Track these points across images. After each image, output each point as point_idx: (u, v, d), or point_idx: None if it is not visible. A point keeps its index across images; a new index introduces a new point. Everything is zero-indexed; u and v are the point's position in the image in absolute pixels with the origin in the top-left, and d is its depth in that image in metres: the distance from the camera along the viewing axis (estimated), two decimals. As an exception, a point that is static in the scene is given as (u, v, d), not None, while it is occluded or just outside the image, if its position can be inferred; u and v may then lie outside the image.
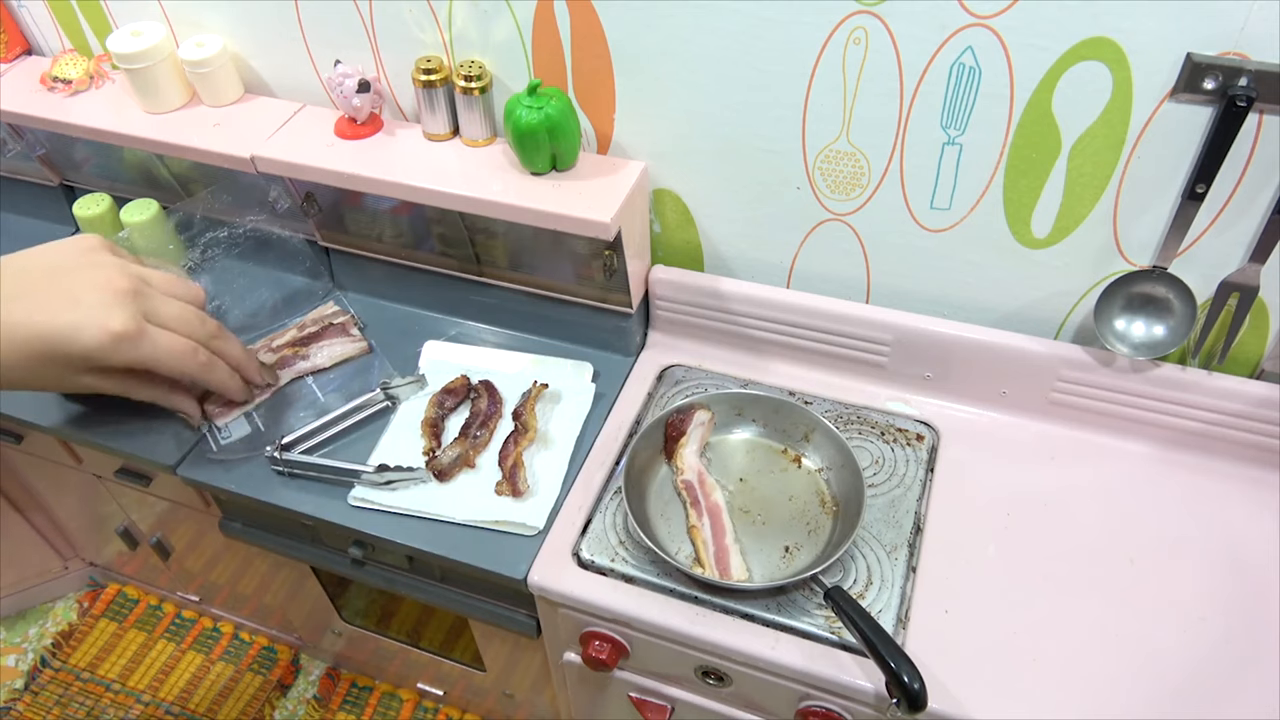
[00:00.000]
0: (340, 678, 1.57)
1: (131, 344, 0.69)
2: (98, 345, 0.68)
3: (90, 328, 0.68)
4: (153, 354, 0.72)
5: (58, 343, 0.66)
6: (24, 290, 0.69)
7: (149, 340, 0.72)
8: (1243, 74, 0.74)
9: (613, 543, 0.92)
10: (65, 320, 0.67)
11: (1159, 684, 0.80)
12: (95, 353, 0.68)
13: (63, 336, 0.66)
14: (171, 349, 0.75)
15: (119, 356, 0.69)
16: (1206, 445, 0.96)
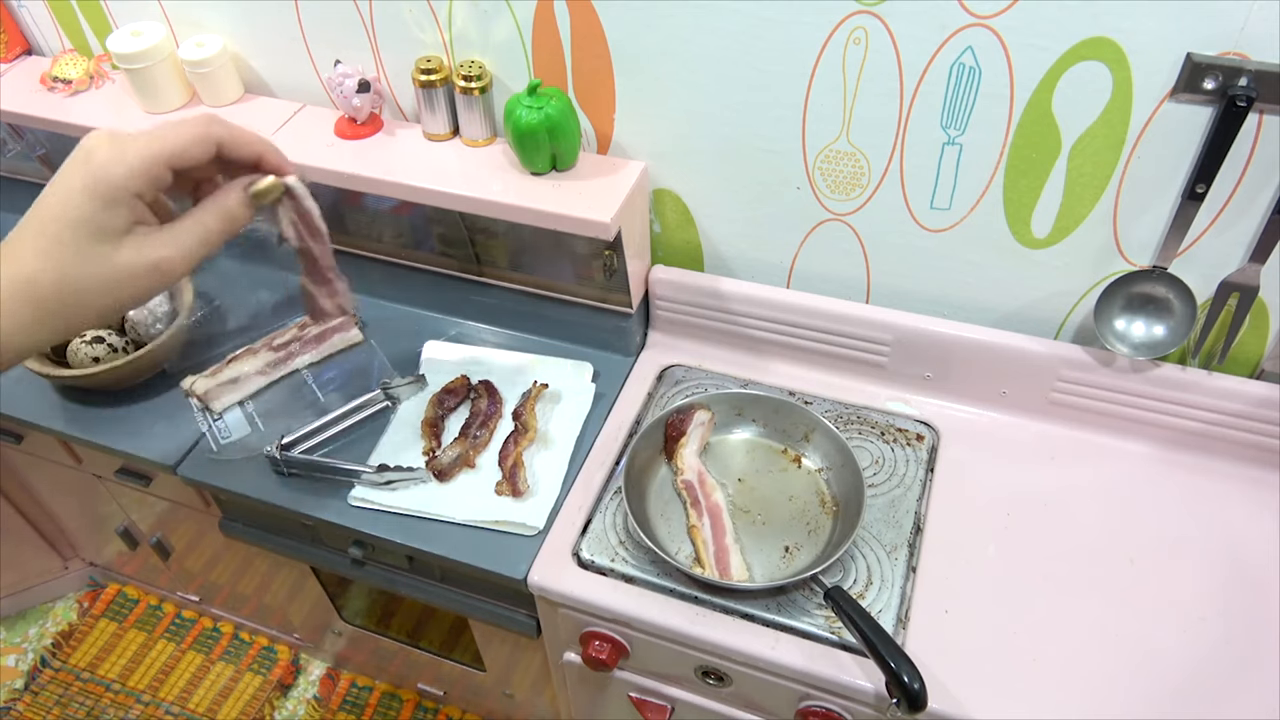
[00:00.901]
0: (340, 678, 1.57)
1: (121, 142, 0.56)
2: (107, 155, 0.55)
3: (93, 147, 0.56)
4: (146, 142, 0.56)
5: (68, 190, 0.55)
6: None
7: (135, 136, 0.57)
8: (1243, 74, 0.74)
9: (613, 543, 0.92)
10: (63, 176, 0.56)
11: (1159, 684, 0.80)
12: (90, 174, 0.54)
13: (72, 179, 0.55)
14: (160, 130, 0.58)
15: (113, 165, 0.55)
16: (1206, 445, 0.96)
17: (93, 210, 0.54)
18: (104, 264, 0.54)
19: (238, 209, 0.61)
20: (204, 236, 0.58)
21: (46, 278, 0.53)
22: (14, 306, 0.52)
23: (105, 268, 0.54)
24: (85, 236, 0.54)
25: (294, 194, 0.71)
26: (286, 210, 0.74)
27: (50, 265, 0.53)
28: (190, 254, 0.58)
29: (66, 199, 0.54)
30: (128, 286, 0.55)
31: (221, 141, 0.59)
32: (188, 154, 0.57)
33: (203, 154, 0.58)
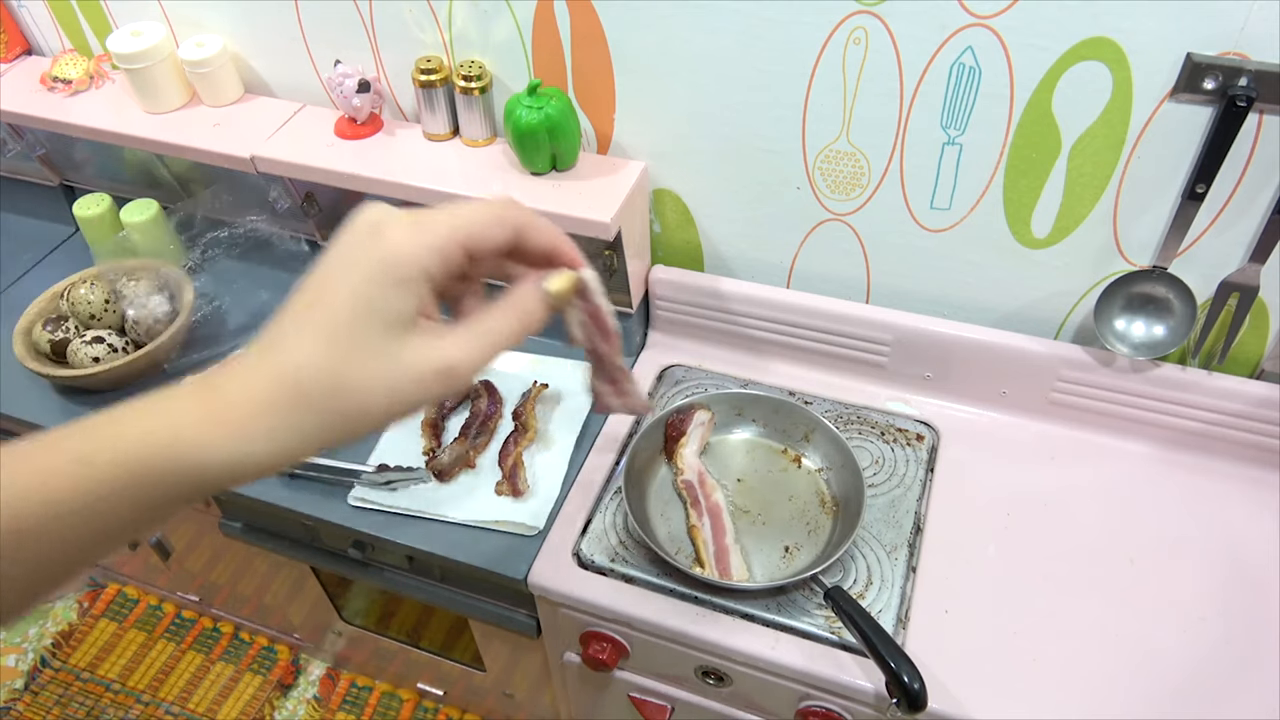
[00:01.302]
0: (340, 678, 1.57)
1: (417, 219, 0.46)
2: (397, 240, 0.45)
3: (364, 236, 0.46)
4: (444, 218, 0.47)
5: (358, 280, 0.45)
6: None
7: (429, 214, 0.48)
8: (1243, 74, 0.74)
9: (613, 543, 0.92)
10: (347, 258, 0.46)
11: (1159, 684, 0.80)
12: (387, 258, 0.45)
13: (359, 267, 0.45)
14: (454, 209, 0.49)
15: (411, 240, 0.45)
16: (1206, 445, 0.96)
17: (382, 292, 0.44)
18: (388, 361, 0.44)
19: (535, 308, 0.51)
20: (497, 340, 0.49)
21: (319, 371, 0.43)
22: (274, 402, 0.43)
23: (389, 365, 0.44)
24: (370, 325, 0.44)
25: (587, 290, 0.63)
26: (575, 309, 0.68)
27: (325, 356, 0.43)
28: (482, 360, 0.48)
29: (349, 277, 0.44)
30: (412, 392, 0.45)
31: (520, 227, 0.50)
32: (486, 236, 0.48)
33: (501, 238, 0.49)
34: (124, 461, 0.42)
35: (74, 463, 0.42)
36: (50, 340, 1.08)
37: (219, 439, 0.42)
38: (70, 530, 0.41)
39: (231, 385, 0.43)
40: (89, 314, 1.10)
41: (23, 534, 0.40)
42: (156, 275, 1.14)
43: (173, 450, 0.42)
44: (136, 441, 0.42)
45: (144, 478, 0.42)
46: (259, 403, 0.43)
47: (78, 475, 0.41)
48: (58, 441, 0.42)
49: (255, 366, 0.44)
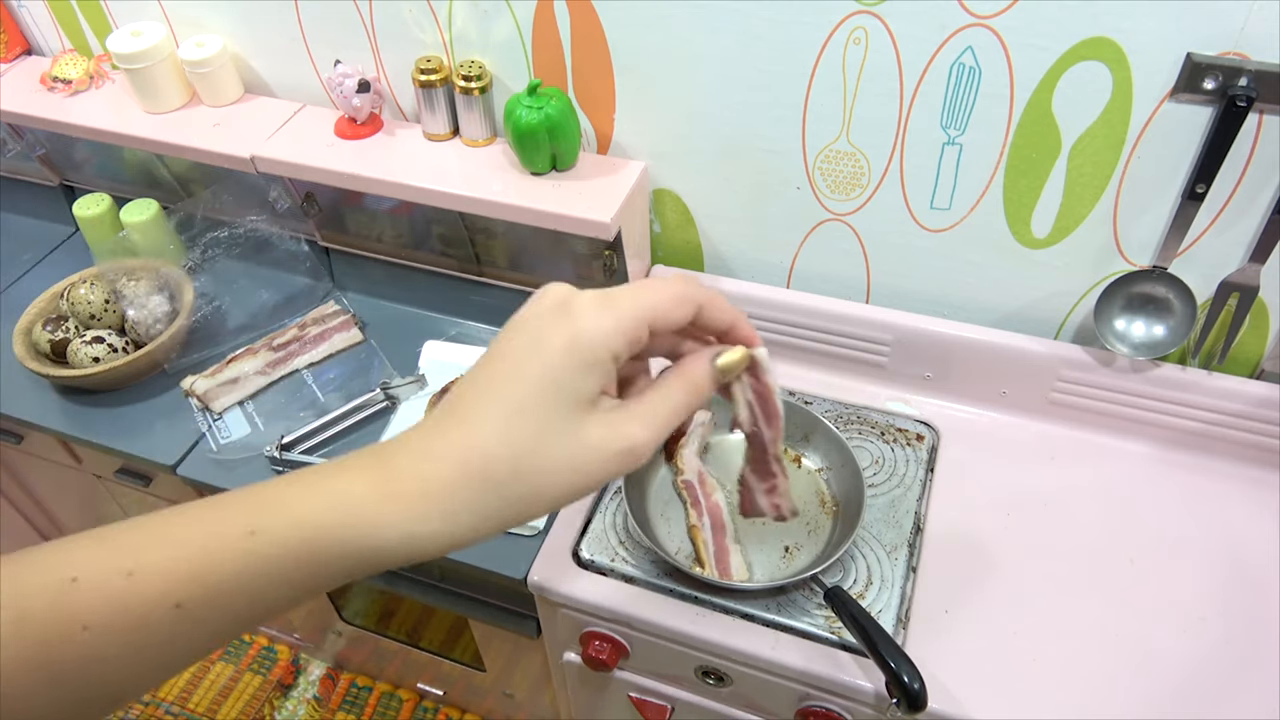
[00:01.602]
0: (340, 678, 1.57)
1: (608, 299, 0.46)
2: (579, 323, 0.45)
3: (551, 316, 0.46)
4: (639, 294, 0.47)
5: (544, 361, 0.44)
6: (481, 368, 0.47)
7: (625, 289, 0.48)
8: (1243, 74, 0.74)
9: (613, 543, 0.91)
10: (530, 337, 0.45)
11: (1159, 684, 0.80)
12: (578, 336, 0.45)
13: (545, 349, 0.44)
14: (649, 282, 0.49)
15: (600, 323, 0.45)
16: (1206, 445, 0.96)
17: (570, 375, 0.44)
18: (573, 441, 0.44)
19: (705, 382, 0.51)
20: (671, 416, 0.48)
21: (504, 453, 0.42)
22: (455, 483, 0.42)
23: (575, 448, 0.44)
24: (557, 407, 0.43)
25: (759, 367, 0.61)
26: (744, 387, 0.66)
27: (511, 438, 0.42)
28: (659, 437, 0.47)
29: (538, 357, 0.44)
30: (596, 473, 0.44)
31: (701, 305, 0.50)
32: (671, 316, 0.48)
33: (683, 316, 0.49)
34: (294, 538, 0.42)
35: (245, 533, 0.41)
36: (50, 340, 1.08)
37: (394, 519, 0.42)
38: (232, 604, 0.41)
39: (408, 463, 0.43)
40: (89, 314, 1.10)
41: (185, 609, 0.40)
42: (156, 275, 1.14)
43: (346, 530, 0.42)
44: (308, 519, 0.42)
45: (314, 556, 0.42)
46: (439, 483, 0.42)
47: (248, 548, 0.41)
48: (226, 512, 0.42)
49: (434, 444, 0.43)
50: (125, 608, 0.39)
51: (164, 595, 0.40)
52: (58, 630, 0.38)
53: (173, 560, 0.40)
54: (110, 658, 0.39)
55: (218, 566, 0.41)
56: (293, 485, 0.43)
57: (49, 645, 0.38)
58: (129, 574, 0.40)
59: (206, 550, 0.41)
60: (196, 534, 0.41)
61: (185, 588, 0.40)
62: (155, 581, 0.40)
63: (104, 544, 0.41)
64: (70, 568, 0.40)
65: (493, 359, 0.45)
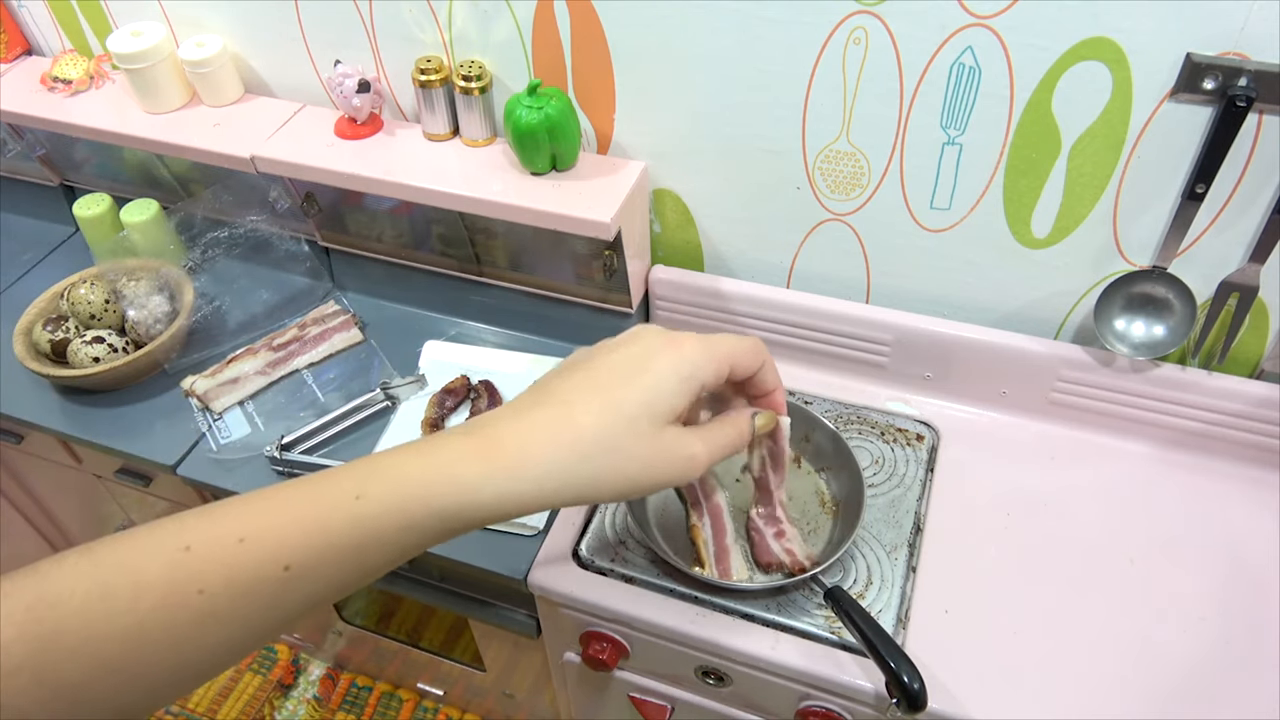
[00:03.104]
0: (340, 678, 1.57)
1: (707, 345, 0.59)
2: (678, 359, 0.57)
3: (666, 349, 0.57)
4: (729, 347, 0.61)
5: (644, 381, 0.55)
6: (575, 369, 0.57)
7: (716, 341, 0.62)
8: (1243, 74, 0.74)
9: (613, 543, 0.92)
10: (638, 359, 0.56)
11: (1159, 684, 0.80)
12: (678, 367, 0.56)
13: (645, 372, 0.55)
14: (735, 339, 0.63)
15: (700, 360, 0.58)
16: (1206, 445, 0.96)
17: (670, 387, 0.54)
18: (654, 440, 0.53)
19: (745, 430, 0.64)
20: (723, 447, 0.60)
21: (600, 433, 0.51)
22: (553, 450, 0.50)
23: (653, 444, 0.53)
24: (651, 411, 0.53)
25: (779, 433, 0.77)
26: (762, 444, 0.83)
27: (610, 424, 0.52)
28: (713, 457, 0.59)
29: (649, 368, 0.54)
30: (660, 469, 0.54)
31: (764, 364, 0.64)
32: (744, 362, 0.61)
33: (753, 366, 0.62)
34: (397, 499, 0.47)
35: (352, 498, 0.46)
36: (50, 340, 1.08)
37: (491, 478, 0.48)
38: (338, 566, 0.45)
39: (508, 431, 0.50)
40: (89, 314, 1.10)
41: (294, 570, 0.44)
42: (156, 275, 1.14)
43: (446, 487, 0.48)
44: (411, 479, 0.47)
45: (415, 516, 0.47)
46: (536, 448, 0.50)
47: (355, 511, 0.46)
48: (334, 480, 0.47)
49: (535, 415, 0.52)
50: (238, 571, 0.42)
51: (274, 558, 0.43)
52: (176, 595, 0.41)
53: (282, 526, 0.44)
54: (224, 617, 0.42)
55: (325, 530, 0.44)
56: (397, 453, 0.49)
57: (168, 608, 0.41)
58: (240, 540, 0.43)
59: (315, 516, 0.45)
60: (305, 501, 0.45)
61: (294, 551, 0.43)
62: (266, 546, 0.43)
63: (213, 516, 0.44)
64: (183, 537, 0.43)
65: (589, 367, 0.55)
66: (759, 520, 0.87)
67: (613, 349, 0.56)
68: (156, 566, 0.41)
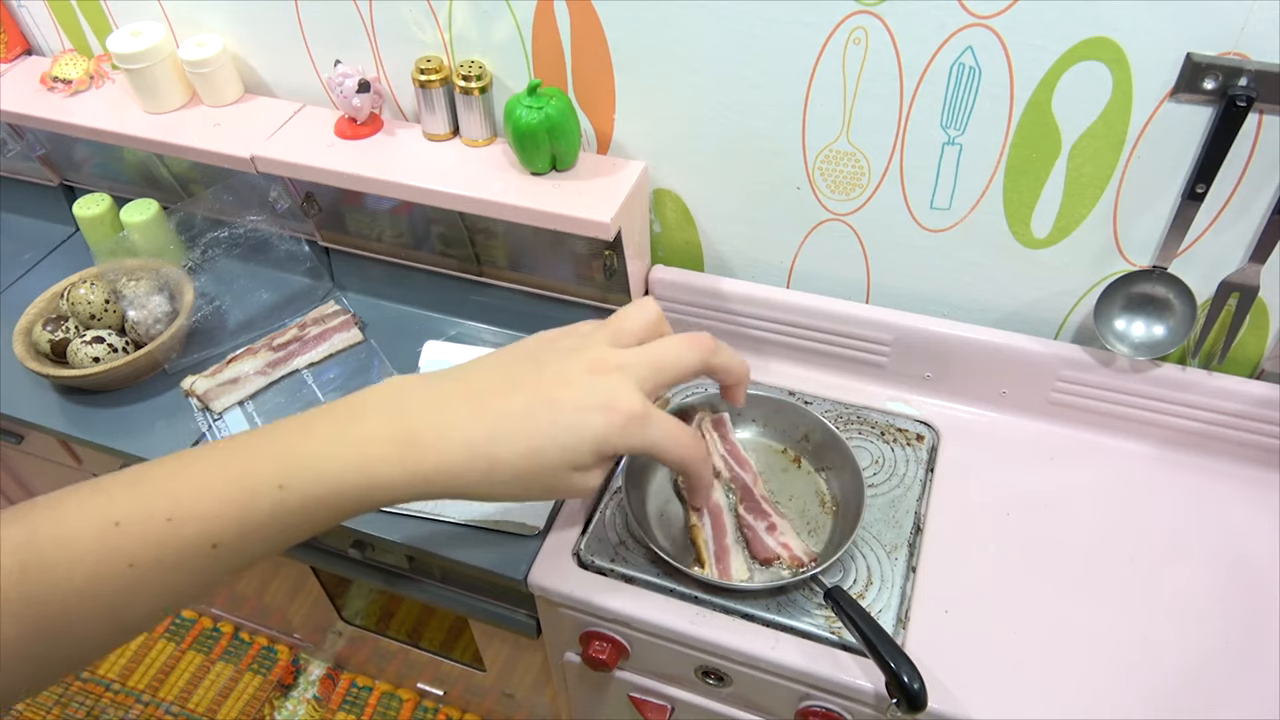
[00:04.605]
0: (340, 678, 1.57)
1: (640, 426, 0.58)
2: (605, 432, 0.56)
3: (598, 409, 0.56)
4: (654, 442, 0.59)
5: (567, 436, 0.55)
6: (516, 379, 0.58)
7: (654, 424, 0.59)
8: (1243, 74, 0.74)
9: (613, 543, 0.92)
10: (571, 408, 0.56)
11: (1158, 684, 0.80)
12: (601, 442, 0.56)
13: (573, 427, 0.55)
14: (672, 433, 0.61)
15: (622, 445, 0.57)
16: (1206, 445, 0.96)
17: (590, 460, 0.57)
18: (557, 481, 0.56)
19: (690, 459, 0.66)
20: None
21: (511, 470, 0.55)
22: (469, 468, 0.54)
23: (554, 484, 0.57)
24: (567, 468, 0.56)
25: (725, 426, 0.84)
26: (715, 443, 0.88)
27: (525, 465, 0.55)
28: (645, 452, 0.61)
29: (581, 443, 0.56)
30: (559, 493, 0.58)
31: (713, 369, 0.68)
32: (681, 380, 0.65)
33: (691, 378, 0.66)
34: (319, 494, 0.50)
35: (275, 487, 0.49)
36: (50, 340, 1.08)
37: (412, 484, 0.52)
38: (262, 542, 0.49)
39: (430, 432, 0.53)
40: (89, 314, 1.10)
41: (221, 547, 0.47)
42: (156, 275, 1.14)
43: (368, 484, 0.51)
44: (332, 477, 0.51)
45: (335, 505, 0.51)
46: (452, 467, 0.53)
47: (278, 498, 0.49)
48: (257, 465, 0.50)
49: (456, 434, 0.53)
50: (167, 550, 0.46)
51: (202, 537, 0.46)
52: (107, 567, 0.44)
53: (209, 507, 0.47)
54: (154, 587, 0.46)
55: (251, 514, 0.48)
56: (316, 440, 0.52)
57: (101, 579, 0.44)
58: (169, 519, 0.46)
59: (240, 500, 0.48)
60: (231, 485, 0.48)
61: (221, 532, 0.46)
62: (194, 526, 0.46)
63: (141, 489, 0.47)
64: (112, 511, 0.45)
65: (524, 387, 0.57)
66: (747, 516, 0.88)
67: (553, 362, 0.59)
68: (88, 541, 0.44)
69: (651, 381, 0.60)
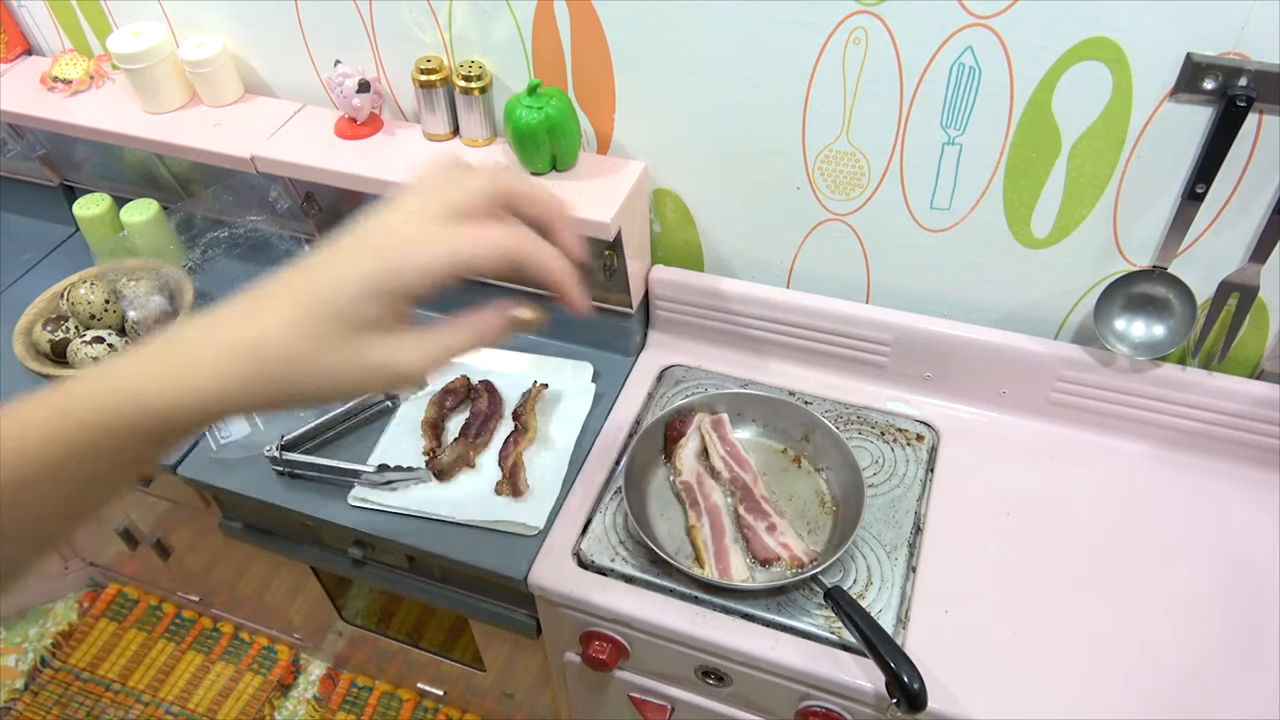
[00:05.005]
0: (340, 678, 1.57)
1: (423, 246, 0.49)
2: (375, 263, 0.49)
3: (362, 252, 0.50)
4: (458, 247, 0.50)
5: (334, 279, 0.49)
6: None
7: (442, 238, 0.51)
8: (1243, 74, 0.74)
9: (613, 543, 0.91)
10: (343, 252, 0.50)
11: (1158, 683, 0.80)
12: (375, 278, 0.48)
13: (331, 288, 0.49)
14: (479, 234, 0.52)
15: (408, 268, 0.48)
16: (1206, 445, 0.96)
17: (367, 306, 0.48)
18: (347, 355, 0.48)
19: (491, 335, 0.55)
20: (449, 353, 0.53)
21: (281, 350, 0.48)
22: (233, 366, 0.47)
23: (346, 359, 0.48)
24: (345, 328, 0.48)
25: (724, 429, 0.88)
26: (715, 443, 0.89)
27: (291, 338, 0.48)
28: (430, 368, 0.52)
29: (343, 287, 0.48)
30: (364, 383, 0.50)
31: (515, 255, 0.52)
32: (485, 269, 0.51)
33: (496, 268, 0.52)
34: (95, 410, 0.46)
35: (52, 413, 0.46)
36: (50, 340, 1.08)
37: (177, 391, 0.47)
38: (53, 483, 0.45)
39: (201, 346, 0.48)
40: (89, 314, 1.10)
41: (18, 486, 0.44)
42: (156, 275, 1.14)
43: (137, 399, 0.46)
44: (104, 393, 0.47)
45: (112, 426, 0.46)
46: (219, 364, 0.47)
47: (55, 425, 0.46)
48: (41, 397, 0.47)
49: (224, 335, 0.49)
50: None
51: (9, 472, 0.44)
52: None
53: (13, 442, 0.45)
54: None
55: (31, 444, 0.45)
56: (100, 368, 0.49)
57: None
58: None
59: (19, 429, 0.46)
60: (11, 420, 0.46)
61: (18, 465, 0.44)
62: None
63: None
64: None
65: (305, 274, 0.50)
66: (748, 516, 0.88)
67: (362, 226, 0.50)
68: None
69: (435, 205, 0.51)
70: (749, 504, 0.90)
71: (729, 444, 0.95)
